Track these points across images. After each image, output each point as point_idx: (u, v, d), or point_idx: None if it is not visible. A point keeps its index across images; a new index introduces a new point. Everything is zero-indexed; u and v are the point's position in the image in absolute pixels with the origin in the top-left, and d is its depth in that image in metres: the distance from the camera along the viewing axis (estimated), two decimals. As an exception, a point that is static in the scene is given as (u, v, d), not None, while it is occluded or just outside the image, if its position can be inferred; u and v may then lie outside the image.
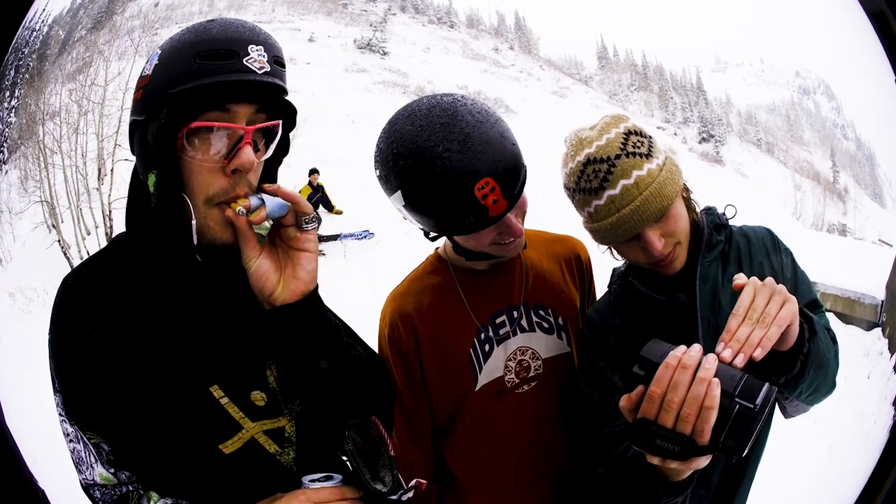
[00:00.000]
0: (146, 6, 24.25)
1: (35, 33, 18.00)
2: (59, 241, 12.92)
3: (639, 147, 1.43)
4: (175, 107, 1.08)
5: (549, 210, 1.57)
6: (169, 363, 1.16)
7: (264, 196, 1.14)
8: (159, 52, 1.14)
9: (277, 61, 1.16)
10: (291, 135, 1.29)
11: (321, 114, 15.58)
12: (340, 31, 30.73)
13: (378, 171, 1.51)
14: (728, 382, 1.03)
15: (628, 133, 1.45)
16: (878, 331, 7.63)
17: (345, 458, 1.31)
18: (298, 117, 1.25)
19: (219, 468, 1.19)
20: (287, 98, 1.22)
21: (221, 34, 1.11)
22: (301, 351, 1.17)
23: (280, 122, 1.21)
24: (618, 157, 1.41)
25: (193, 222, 1.13)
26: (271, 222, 1.20)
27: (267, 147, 1.22)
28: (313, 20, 31.48)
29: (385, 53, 29.42)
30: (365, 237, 13.34)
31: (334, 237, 13.29)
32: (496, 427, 1.71)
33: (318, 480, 1.21)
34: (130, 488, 1.21)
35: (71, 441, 1.20)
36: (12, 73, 16.42)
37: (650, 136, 1.49)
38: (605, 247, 1.58)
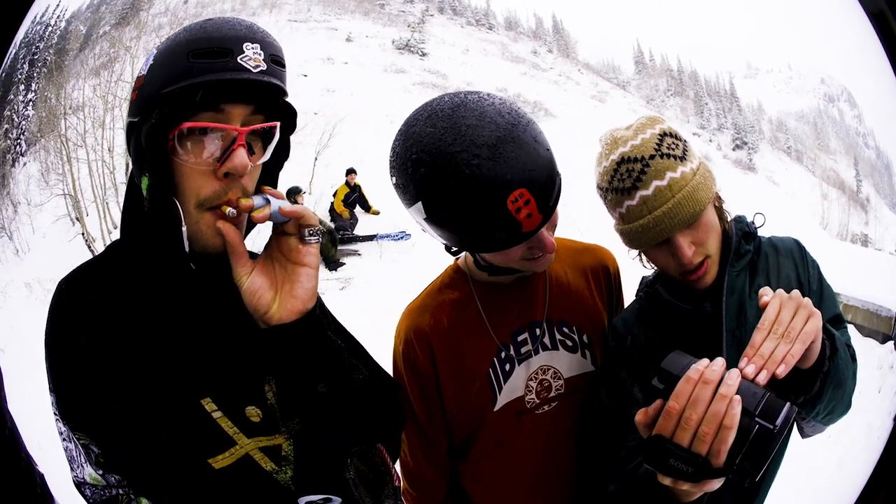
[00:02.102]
0: (174, 3, 24.33)
1: (50, 29, 18.18)
2: (82, 234, 13.01)
3: (673, 149, 1.41)
4: (167, 107, 1.04)
5: (587, 214, 1.52)
6: (160, 372, 1.12)
7: (270, 197, 1.08)
8: (155, 51, 1.10)
9: (275, 60, 1.11)
10: (292, 138, 1.25)
11: (359, 114, 15.65)
12: (378, 31, 30.65)
13: (394, 178, 1.36)
14: (749, 400, 0.99)
15: (663, 134, 1.43)
16: (891, 344, 7.49)
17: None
18: (336, 117, 1.24)
19: (209, 483, 1.14)
20: (286, 99, 1.17)
21: (216, 32, 1.07)
22: (297, 373, 1.12)
23: (277, 123, 1.16)
24: (652, 157, 1.39)
25: (184, 229, 1.09)
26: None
27: (264, 150, 1.17)
28: (350, 20, 31.42)
29: (424, 54, 29.26)
30: (402, 238, 13.22)
31: (371, 237, 13.26)
32: (513, 448, 1.64)
33: (317, 503, 1.18)
34: (120, 491, 1.17)
35: (64, 440, 1.17)
36: (26, 66, 16.59)
37: (685, 140, 1.47)
38: (636, 254, 1.55)
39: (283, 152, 1.25)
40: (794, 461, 1.52)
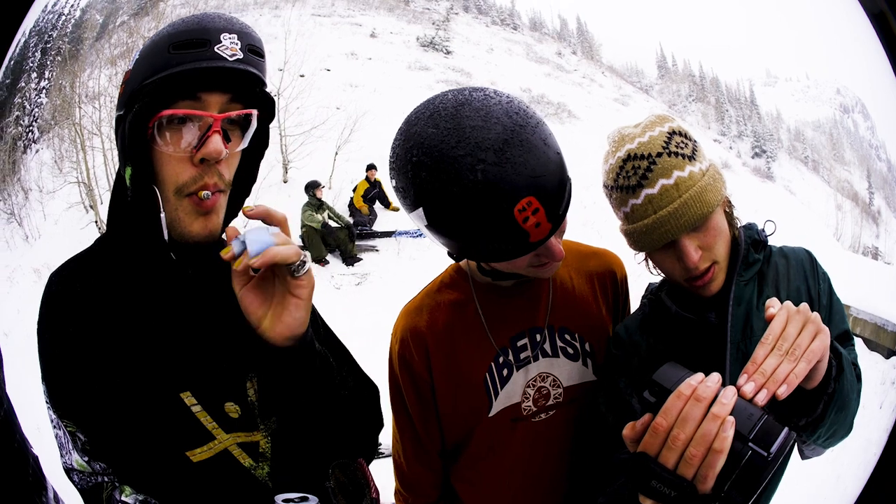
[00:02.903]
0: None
1: (64, 17, 18.28)
2: (96, 221, 13.07)
3: (682, 148, 1.37)
4: (147, 97, 1.07)
5: (607, 216, 1.47)
6: (141, 365, 1.14)
7: (247, 238, 1.04)
8: (142, 47, 1.13)
9: (252, 50, 1.13)
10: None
11: (382, 110, 15.66)
12: (403, 28, 30.59)
13: (394, 180, 1.28)
14: (744, 422, 0.91)
15: (672, 133, 1.38)
16: (895, 359, 7.42)
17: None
18: (359, 111, 1.23)
19: (186, 475, 1.17)
20: (265, 89, 1.19)
21: (195, 25, 1.10)
22: (281, 389, 1.13)
23: (255, 111, 1.18)
24: (659, 154, 1.35)
25: (163, 215, 1.11)
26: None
27: (242, 138, 1.19)
28: (375, 16, 31.40)
29: (449, 52, 29.13)
30: (420, 235, 13.00)
31: (389, 234, 13.24)
32: (507, 455, 1.60)
33: (294, 501, 1.19)
34: (105, 479, 1.20)
35: (55, 427, 1.21)
36: (38, 54, 16.70)
37: (695, 140, 1.42)
38: (642, 258, 1.51)
39: (262, 141, 1.27)
40: (791, 477, 1.50)
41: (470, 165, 1.14)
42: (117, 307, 1.17)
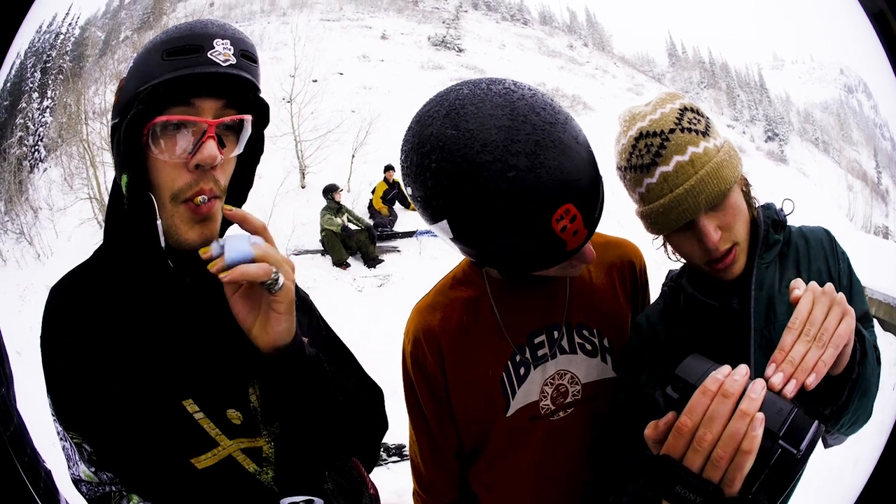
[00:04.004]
0: (199, 6, 24.59)
1: (63, 36, 18.36)
2: (109, 236, 13.15)
3: (695, 124, 1.32)
4: (141, 104, 1.06)
5: (627, 206, 1.42)
6: (142, 373, 1.15)
7: (226, 242, 1.03)
8: (136, 55, 1.14)
9: (245, 55, 1.13)
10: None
11: (397, 110, 15.65)
12: (413, 28, 30.51)
13: (410, 188, 1.17)
14: (773, 418, 0.85)
15: (684, 109, 1.34)
16: (908, 339, 7.31)
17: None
18: (373, 113, 1.21)
19: (192, 482, 1.18)
20: (259, 94, 1.19)
21: (188, 31, 1.10)
22: (278, 395, 1.14)
23: (249, 116, 1.18)
24: (672, 131, 1.30)
25: (159, 222, 1.11)
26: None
27: (236, 143, 1.18)
28: (384, 17, 31.39)
29: (461, 50, 29.02)
30: None
31: (410, 234, 13.24)
32: (525, 455, 1.55)
33: None
34: (113, 488, 1.21)
35: (61, 439, 1.22)
36: (38, 74, 16.75)
37: (707, 117, 1.37)
38: (659, 242, 1.47)
39: (257, 147, 1.27)
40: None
41: (500, 172, 1.04)
42: (116, 316, 1.18)
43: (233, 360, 1.20)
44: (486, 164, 1.04)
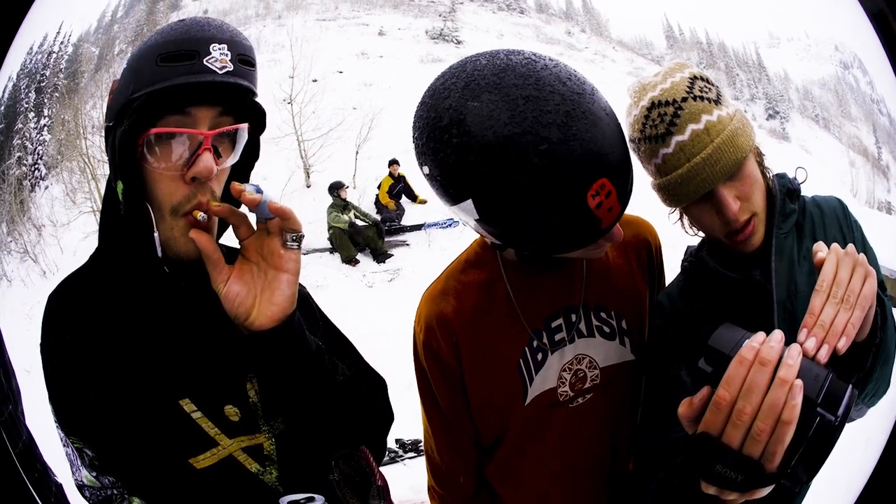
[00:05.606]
0: (194, 13, 24.63)
1: (55, 55, 18.34)
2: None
3: (707, 92, 1.30)
4: (135, 113, 1.04)
5: (637, 183, 1.35)
6: (137, 374, 1.14)
7: (262, 188, 1.05)
8: (129, 55, 1.11)
9: (243, 60, 1.09)
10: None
11: (399, 105, 15.61)
12: (410, 23, 30.24)
13: (426, 167, 1.09)
14: (811, 385, 0.81)
15: (694, 77, 1.32)
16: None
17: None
18: (375, 109, 1.18)
19: (191, 483, 1.17)
20: (255, 99, 1.16)
21: (183, 34, 1.06)
22: (275, 376, 1.11)
23: (245, 125, 1.15)
24: (685, 99, 1.28)
25: (156, 234, 1.09)
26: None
27: (232, 151, 1.16)
28: (380, 14, 31.21)
29: (459, 42, 28.70)
30: (449, 225, 13.09)
31: (418, 226, 13.24)
32: (544, 443, 1.50)
33: (300, 503, 1.19)
34: (115, 492, 1.21)
35: (64, 445, 1.22)
36: (32, 94, 16.78)
37: (717, 86, 1.35)
38: (676, 217, 1.44)
39: (252, 153, 1.24)
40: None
41: (532, 146, 0.97)
42: (112, 318, 1.17)
43: (228, 356, 1.19)
44: (515, 137, 0.97)
